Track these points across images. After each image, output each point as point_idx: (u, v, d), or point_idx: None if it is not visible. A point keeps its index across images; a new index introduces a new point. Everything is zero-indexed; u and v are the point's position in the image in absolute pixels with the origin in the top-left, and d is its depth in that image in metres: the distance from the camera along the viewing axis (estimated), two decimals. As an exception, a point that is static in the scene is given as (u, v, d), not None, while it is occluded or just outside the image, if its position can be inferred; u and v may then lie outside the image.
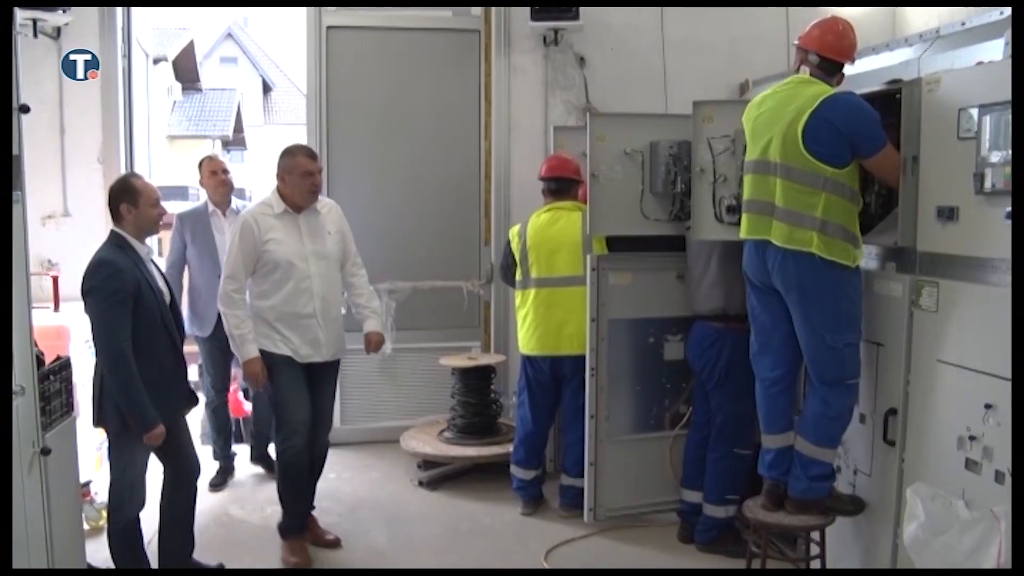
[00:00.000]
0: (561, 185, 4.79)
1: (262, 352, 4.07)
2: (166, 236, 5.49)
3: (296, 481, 4.20)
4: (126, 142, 5.69)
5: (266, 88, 29.28)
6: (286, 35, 27.28)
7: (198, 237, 5.18)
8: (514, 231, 4.95)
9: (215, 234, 5.17)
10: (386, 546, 4.41)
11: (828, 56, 3.42)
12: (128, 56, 5.66)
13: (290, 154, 4.16)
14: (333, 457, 5.30)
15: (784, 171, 3.33)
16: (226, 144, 24.11)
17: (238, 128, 24.60)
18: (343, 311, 4.37)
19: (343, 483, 5.29)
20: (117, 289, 3.40)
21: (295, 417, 4.09)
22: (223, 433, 5.46)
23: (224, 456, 5.42)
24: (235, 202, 5.35)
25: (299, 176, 4.08)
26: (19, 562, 2.73)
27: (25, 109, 2.81)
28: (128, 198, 3.54)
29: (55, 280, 5.04)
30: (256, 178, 22.31)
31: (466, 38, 5.88)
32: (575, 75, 5.83)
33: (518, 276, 4.87)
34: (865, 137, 3.24)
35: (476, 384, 5.36)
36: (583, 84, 5.80)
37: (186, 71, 21.68)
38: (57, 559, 2.99)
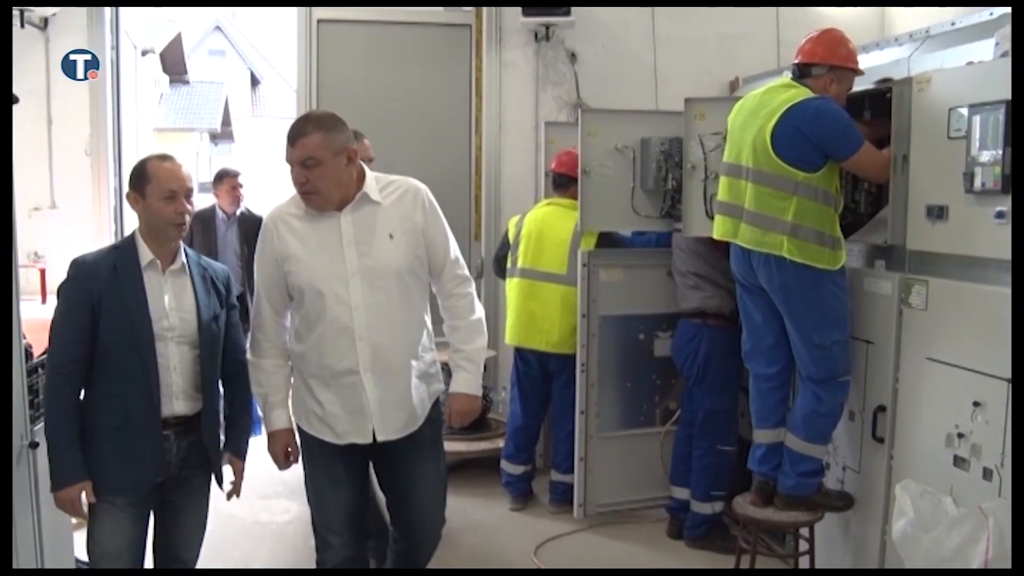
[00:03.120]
0: (564, 181, 4.78)
1: (301, 431, 2.94)
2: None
3: None
4: (114, 134, 5.66)
5: (254, 81, 29.18)
6: (274, 28, 27.21)
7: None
8: (513, 220, 4.97)
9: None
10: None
11: (799, 61, 3.45)
12: (116, 48, 5.64)
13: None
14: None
15: (755, 175, 3.35)
16: (214, 137, 24.04)
17: (226, 121, 24.48)
18: (427, 357, 2.94)
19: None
20: (69, 295, 2.67)
21: (325, 523, 2.95)
22: None
23: None
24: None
25: None
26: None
27: (14, 100, 2.80)
28: (136, 185, 2.71)
29: (42, 272, 5.02)
30: (244, 171, 22.26)
31: (457, 33, 5.86)
32: (566, 71, 5.82)
33: (507, 264, 4.87)
34: (836, 141, 3.25)
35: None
36: (574, 80, 5.79)
37: (173, 63, 21.51)
38: (46, 552, 2.98)
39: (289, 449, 2.93)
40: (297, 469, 2.97)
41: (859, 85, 3.53)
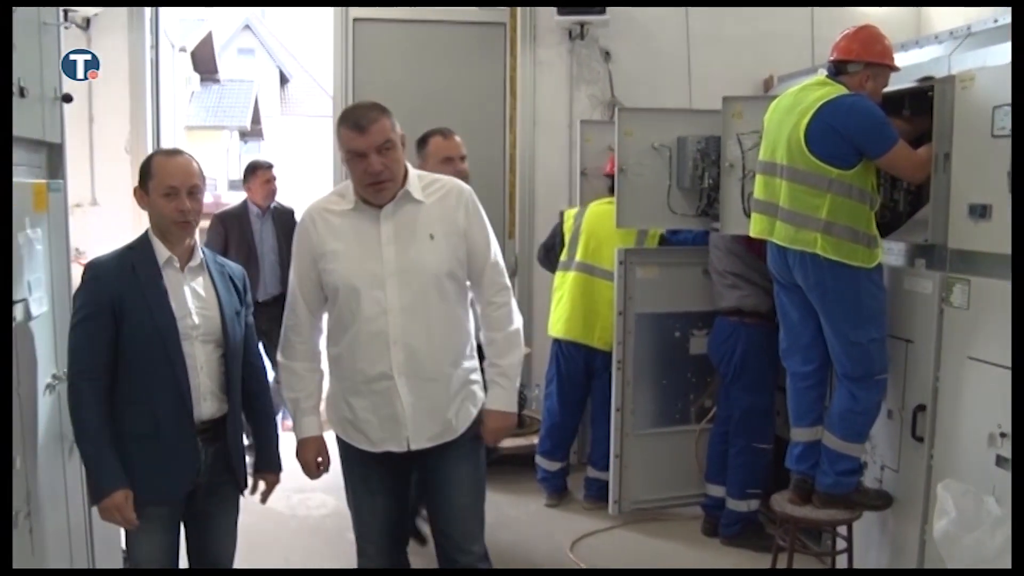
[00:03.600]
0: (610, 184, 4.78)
1: (337, 438, 2.82)
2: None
3: None
4: (153, 132, 5.73)
5: (283, 79, 29.34)
6: (303, 27, 27.38)
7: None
8: (570, 212, 4.98)
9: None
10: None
11: (834, 58, 3.45)
12: (156, 47, 5.71)
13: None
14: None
15: (789, 173, 3.36)
16: (243, 135, 24.22)
17: (255, 119, 24.67)
18: (468, 366, 2.80)
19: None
20: (86, 301, 2.53)
21: (362, 531, 2.87)
22: None
23: None
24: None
25: (346, 154, 2.63)
26: (61, 552, 2.77)
27: (68, 99, 2.87)
28: (142, 180, 2.62)
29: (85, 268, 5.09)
30: (274, 169, 22.41)
31: (491, 31, 5.88)
32: (600, 69, 5.82)
33: (562, 257, 4.88)
34: (869, 138, 3.25)
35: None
36: (608, 78, 5.80)
37: (204, 62, 21.71)
38: (97, 548, 3.04)
39: (320, 458, 2.80)
40: (335, 464, 2.97)
41: (899, 83, 3.52)
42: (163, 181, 2.55)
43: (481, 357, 2.85)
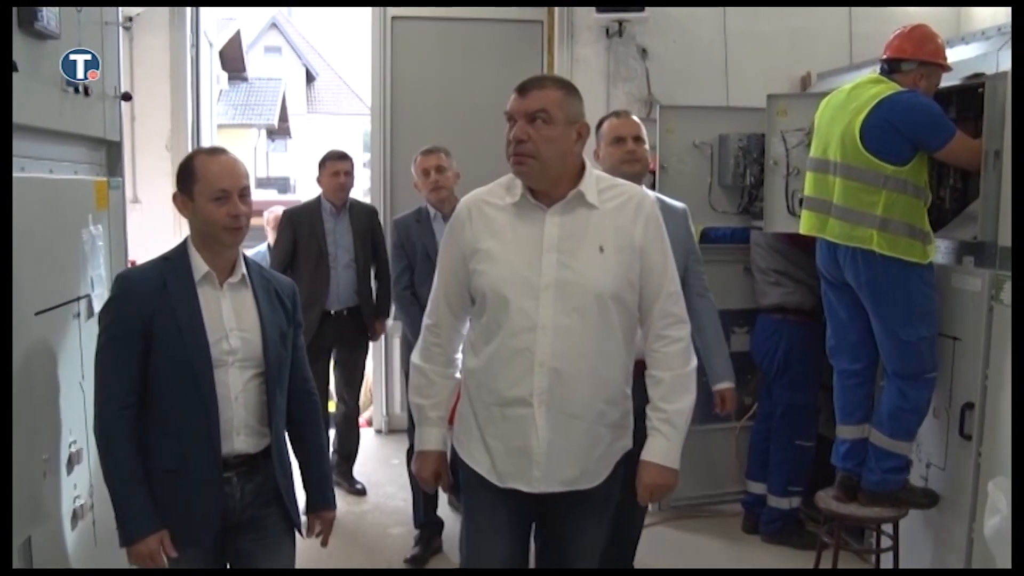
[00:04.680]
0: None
1: (456, 455, 2.49)
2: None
3: None
4: (193, 130, 5.80)
5: (309, 77, 29.51)
6: (330, 25, 27.54)
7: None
8: None
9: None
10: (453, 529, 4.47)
11: (887, 56, 3.46)
12: (196, 46, 5.78)
13: None
14: (396, 443, 5.39)
15: (844, 170, 3.36)
16: (271, 133, 24.40)
17: (283, 117, 24.86)
18: (623, 407, 2.40)
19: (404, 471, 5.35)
20: (113, 320, 2.27)
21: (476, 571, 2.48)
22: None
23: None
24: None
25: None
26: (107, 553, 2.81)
27: (127, 97, 2.92)
28: (183, 184, 2.32)
29: (132, 264, 5.16)
30: (300, 167, 22.60)
31: (529, 29, 5.90)
32: (637, 67, 5.82)
33: None
34: (929, 132, 3.26)
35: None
36: (645, 76, 5.80)
37: (232, 60, 21.90)
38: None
39: (439, 475, 2.50)
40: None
41: (946, 80, 3.51)
42: (212, 184, 2.28)
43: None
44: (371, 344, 5.18)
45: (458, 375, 2.49)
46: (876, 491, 3.46)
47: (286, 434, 2.50)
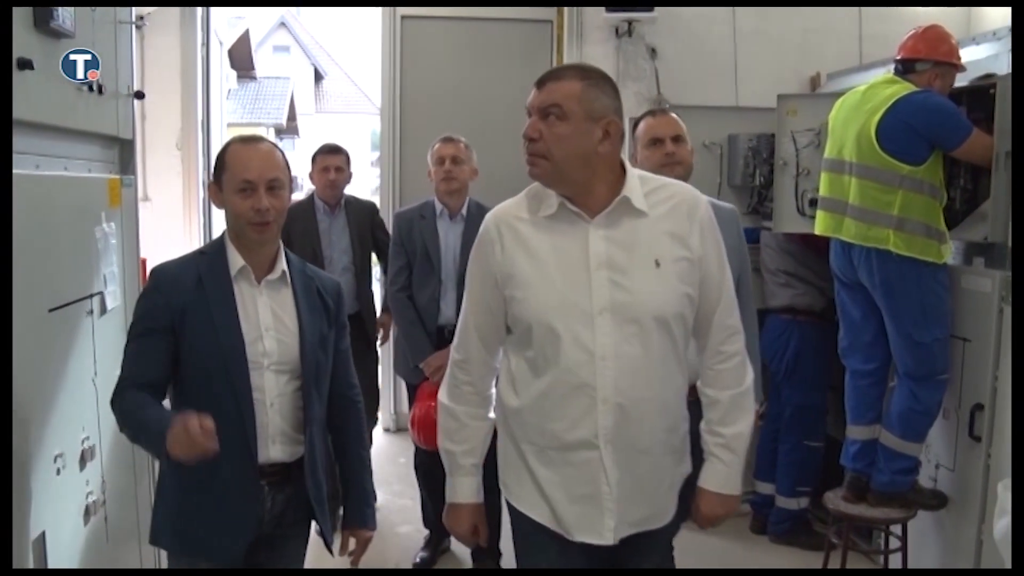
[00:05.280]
0: None
1: (509, 504, 2.19)
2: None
3: None
4: (203, 129, 5.81)
5: (318, 77, 29.57)
6: (338, 24, 27.59)
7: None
8: None
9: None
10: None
11: (901, 57, 3.46)
12: (207, 45, 5.79)
13: None
14: (403, 442, 5.39)
15: (860, 170, 3.36)
16: (279, 132, 24.40)
17: (291, 116, 24.91)
18: (683, 429, 2.15)
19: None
20: (143, 314, 2.17)
21: None
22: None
23: None
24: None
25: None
26: (131, 545, 2.83)
27: (140, 95, 2.93)
28: (216, 174, 2.22)
29: (143, 263, 5.18)
30: (308, 166, 22.58)
31: (538, 29, 5.91)
32: (646, 67, 5.81)
33: None
34: (946, 131, 3.27)
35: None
36: (654, 76, 5.79)
37: (241, 59, 21.92)
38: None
39: (477, 529, 2.22)
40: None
41: (956, 81, 3.51)
42: (237, 174, 2.13)
43: None
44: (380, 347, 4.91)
45: (492, 415, 2.21)
46: (885, 492, 3.46)
47: (325, 444, 2.35)
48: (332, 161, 4.51)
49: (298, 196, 5.03)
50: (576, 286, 1.98)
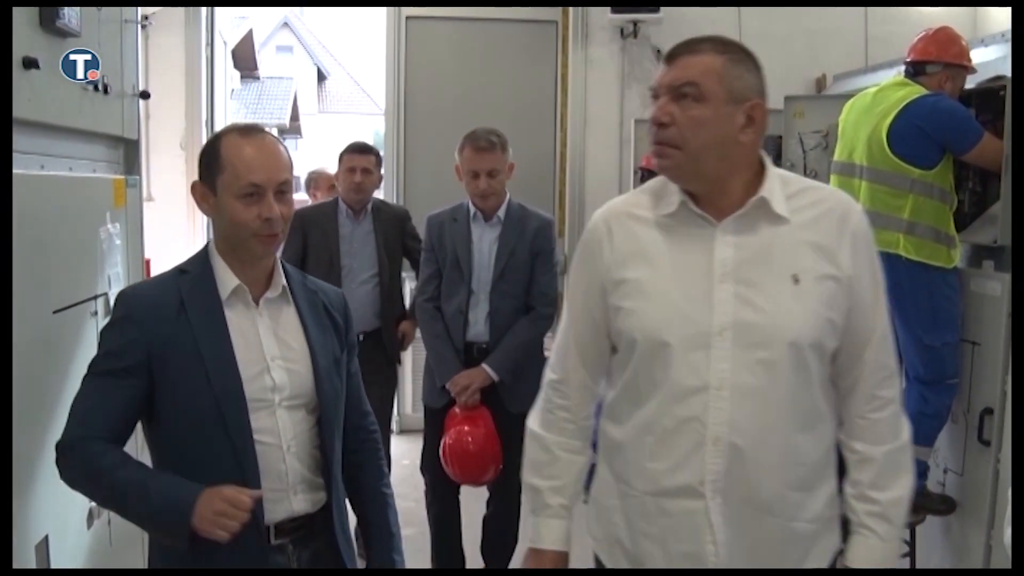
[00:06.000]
0: (646, 178, 4.79)
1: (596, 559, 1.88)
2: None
3: None
4: (208, 129, 5.81)
5: (321, 77, 29.58)
6: (341, 24, 27.59)
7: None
8: None
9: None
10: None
11: (912, 59, 3.45)
12: (211, 45, 5.79)
13: None
14: (407, 444, 5.38)
15: (870, 174, 3.35)
16: (282, 132, 24.41)
17: (294, 116, 24.93)
18: (826, 490, 1.75)
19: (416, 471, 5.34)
20: (110, 349, 1.79)
21: None
22: None
23: None
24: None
25: None
26: (134, 547, 2.82)
27: (145, 95, 2.92)
28: (205, 172, 1.83)
29: (147, 263, 5.17)
30: (310, 167, 22.58)
31: (543, 30, 5.92)
32: (651, 67, 5.81)
33: None
34: (957, 135, 3.25)
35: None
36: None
37: (244, 60, 21.95)
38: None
39: None
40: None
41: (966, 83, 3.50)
42: (241, 176, 1.76)
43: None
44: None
45: (589, 450, 1.88)
46: (893, 496, 3.43)
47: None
48: (359, 161, 4.09)
49: (299, 197, 4.94)
50: (694, 299, 1.66)
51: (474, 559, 3.92)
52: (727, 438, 1.63)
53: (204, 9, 5.66)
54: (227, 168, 1.78)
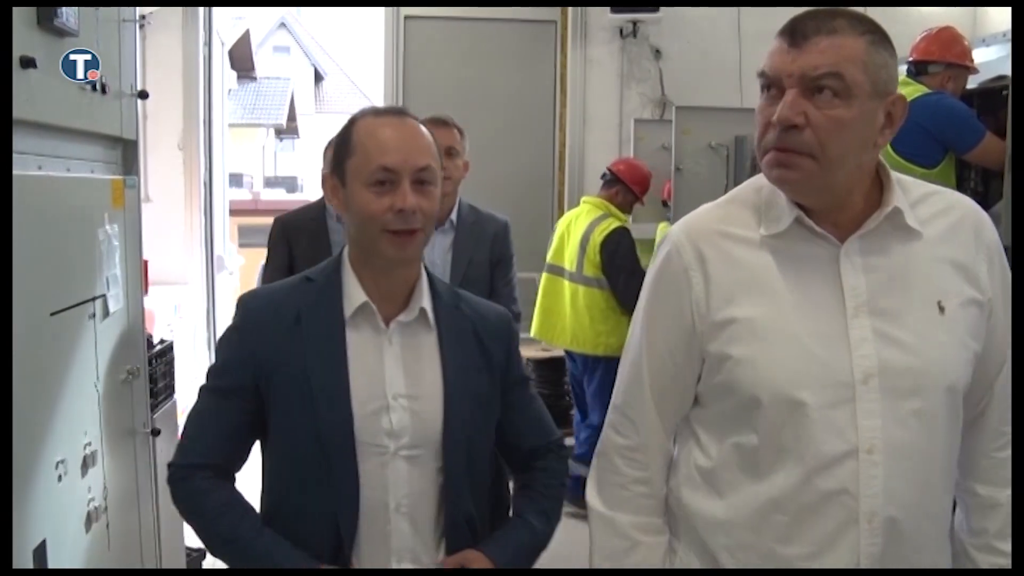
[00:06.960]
0: (610, 180, 4.75)
1: None
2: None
3: None
4: (205, 129, 5.79)
5: (318, 77, 29.55)
6: (338, 25, 27.59)
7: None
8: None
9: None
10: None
11: (914, 59, 3.47)
12: (209, 45, 5.77)
13: None
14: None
15: None
16: (279, 133, 24.41)
17: (291, 117, 24.91)
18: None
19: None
20: (222, 364, 1.62)
21: None
22: None
23: None
24: None
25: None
26: (133, 550, 2.80)
27: (144, 95, 2.89)
28: (337, 161, 1.60)
29: (145, 264, 5.15)
30: (308, 167, 22.62)
31: (542, 29, 5.91)
32: (650, 67, 5.82)
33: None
34: (959, 133, 3.25)
35: (549, 375, 5.38)
36: (659, 77, 5.78)
37: (241, 60, 21.90)
38: (164, 548, 3.07)
39: None
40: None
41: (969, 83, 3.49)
42: (372, 159, 1.51)
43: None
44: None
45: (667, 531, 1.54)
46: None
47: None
48: None
49: (297, 197, 4.85)
50: (828, 340, 1.35)
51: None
52: (883, 511, 1.33)
53: (202, 9, 5.63)
54: (357, 151, 1.54)
